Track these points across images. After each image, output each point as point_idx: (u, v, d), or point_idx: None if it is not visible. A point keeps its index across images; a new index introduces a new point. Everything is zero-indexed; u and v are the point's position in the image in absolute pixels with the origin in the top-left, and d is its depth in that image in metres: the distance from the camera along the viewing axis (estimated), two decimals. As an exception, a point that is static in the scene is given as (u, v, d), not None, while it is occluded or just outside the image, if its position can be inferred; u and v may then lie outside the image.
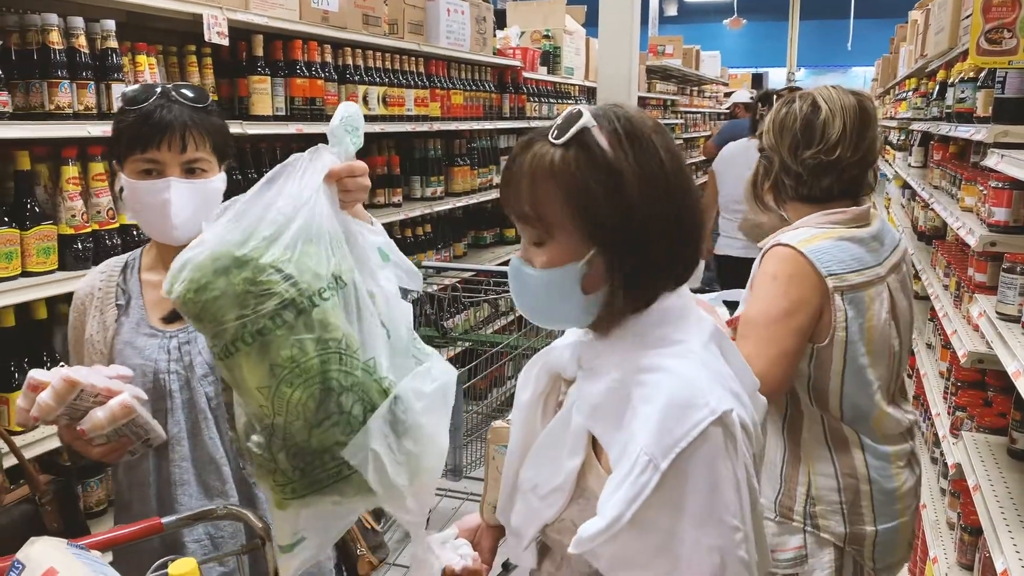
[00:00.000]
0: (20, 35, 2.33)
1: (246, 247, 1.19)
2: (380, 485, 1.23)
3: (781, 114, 1.92)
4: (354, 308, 1.24)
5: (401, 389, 1.24)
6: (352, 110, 1.35)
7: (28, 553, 0.97)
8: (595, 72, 6.80)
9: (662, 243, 1.11)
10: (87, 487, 2.61)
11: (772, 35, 21.59)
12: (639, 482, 1.03)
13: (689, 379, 1.07)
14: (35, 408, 1.37)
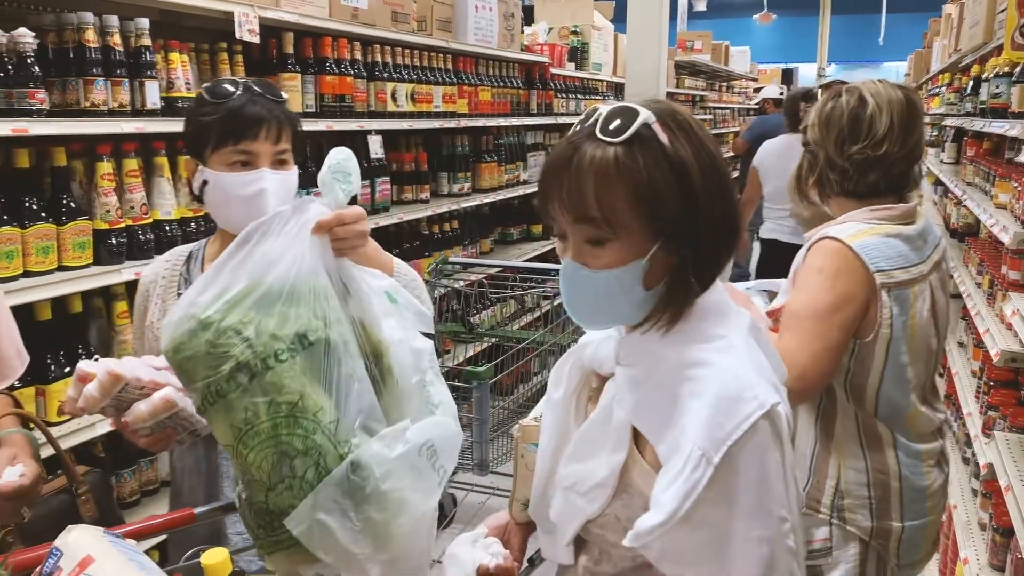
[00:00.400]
0: (57, 34, 2.38)
1: (210, 309, 1.20)
2: (330, 555, 1.20)
3: (827, 108, 1.90)
4: (324, 367, 1.21)
5: (360, 454, 1.19)
6: (341, 157, 1.32)
7: (66, 540, 1.00)
8: (623, 68, 6.78)
9: (717, 235, 1.12)
10: (120, 478, 2.66)
11: (802, 30, 21.37)
12: (693, 477, 1.04)
13: (736, 373, 1.08)
14: (82, 399, 1.40)
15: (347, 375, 1.22)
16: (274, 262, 1.22)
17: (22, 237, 2.21)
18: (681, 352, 1.12)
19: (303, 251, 1.23)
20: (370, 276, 1.34)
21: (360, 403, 1.23)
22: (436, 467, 1.27)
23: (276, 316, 1.19)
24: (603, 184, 1.08)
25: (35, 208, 2.27)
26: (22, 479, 1.34)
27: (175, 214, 2.65)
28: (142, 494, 2.75)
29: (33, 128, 2.18)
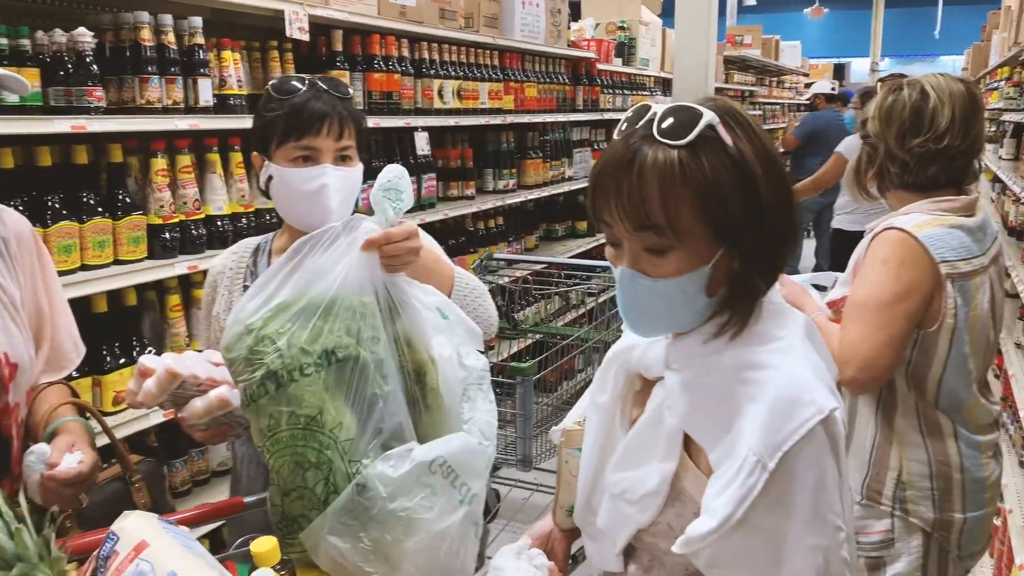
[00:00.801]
0: (114, 33, 2.44)
1: (255, 316, 1.26)
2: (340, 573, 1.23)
3: (888, 101, 1.91)
4: (351, 385, 1.24)
5: (366, 475, 1.21)
6: (392, 175, 1.34)
7: (122, 525, 1.03)
8: (671, 63, 6.72)
9: (780, 235, 1.08)
10: (172, 468, 2.73)
11: (855, 24, 20.95)
12: (748, 483, 1.01)
13: (794, 376, 1.05)
14: (141, 393, 1.45)
15: (373, 395, 1.25)
16: (319, 277, 1.26)
17: (80, 231, 2.28)
18: (737, 355, 1.08)
19: (349, 268, 1.27)
20: (422, 293, 1.36)
21: (381, 424, 1.25)
22: (456, 484, 1.26)
23: (310, 330, 1.23)
24: (668, 190, 1.02)
25: (92, 203, 2.33)
26: (80, 466, 1.38)
27: (227, 209, 2.70)
28: (193, 484, 2.81)
29: (91, 125, 2.23)
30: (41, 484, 1.38)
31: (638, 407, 1.21)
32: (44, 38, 2.26)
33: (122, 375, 2.39)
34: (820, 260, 8.29)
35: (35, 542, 1.07)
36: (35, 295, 1.57)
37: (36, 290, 1.58)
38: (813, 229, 8.56)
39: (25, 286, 1.55)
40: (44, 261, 1.62)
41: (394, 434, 1.26)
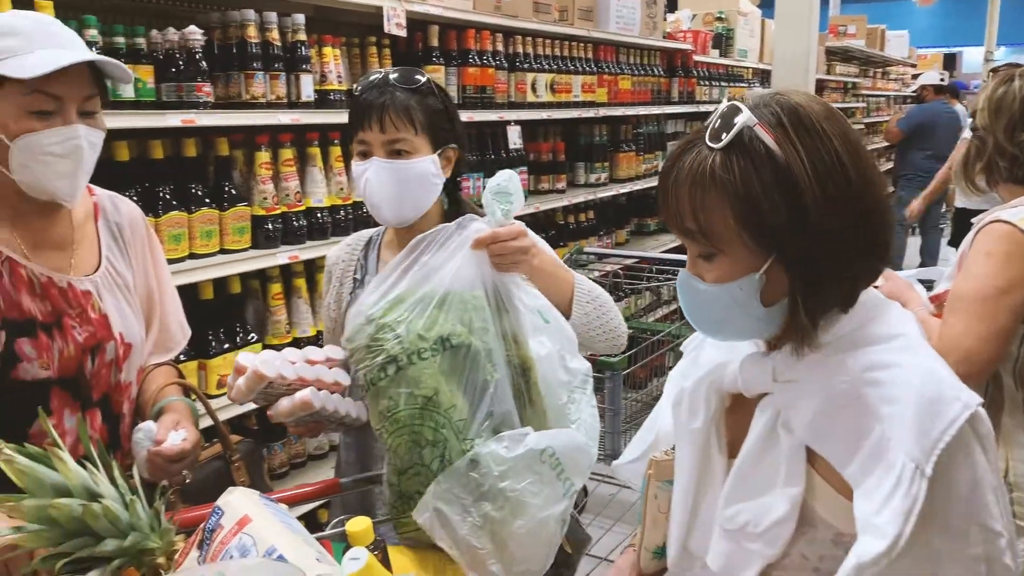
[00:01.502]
0: (222, 30, 2.53)
1: (375, 307, 1.36)
2: (452, 548, 1.28)
3: (999, 93, 1.87)
4: (463, 370, 1.33)
5: (479, 451, 1.27)
6: (502, 179, 1.41)
7: (227, 500, 1.08)
8: (770, 54, 6.56)
9: (847, 242, 0.99)
10: (271, 450, 2.83)
11: (968, 11, 19.94)
12: (912, 493, 0.92)
13: (931, 371, 0.97)
14: (233, 391, 1.53)
15: (484, 380, 1.33)
16: (433, 271, 1.36)
17: (188, 221, 2.38)
18: (859, 356, 1.00)
19: (460, 264, 1.37)
20: (526, 296, 1.43)
21: (492, 407, 1.33)
22: (561, 478, 1.30)
23: (426, 319, 1.33)
24: (697, 195, 0.99)
25: (200, 194, 2.43)
26: (184, 443, 1.45)
27: (326, 202, 2.78)
28: (291, 466, 2.91)
29: (200, 119, 2.33)
30: (148, 460, 1.46)
31: (730, 430, 1.14)
32: (158, 36, 2.37)
33: (226, 359, 2.49)
34: (925, 258, 7.96)
35: (147, 513, 1.13)
36: (146, 279, 1.65)
37: (147, 274, 1.66)
38: (918, 226, 8.22)
39: (137, 270, 1.63)
40: (155, 247, 1.69)
41: (503, 420, 1.32)
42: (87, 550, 1.08)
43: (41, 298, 1.45)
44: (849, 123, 1.04)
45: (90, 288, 1.52)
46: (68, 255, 1.52)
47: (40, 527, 1.09)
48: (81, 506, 1.08)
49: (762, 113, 1.00)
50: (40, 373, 1.43)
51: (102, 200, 1.62)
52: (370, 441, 1.72)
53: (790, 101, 1.01)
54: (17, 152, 1.36)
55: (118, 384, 1.56)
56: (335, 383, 1.63)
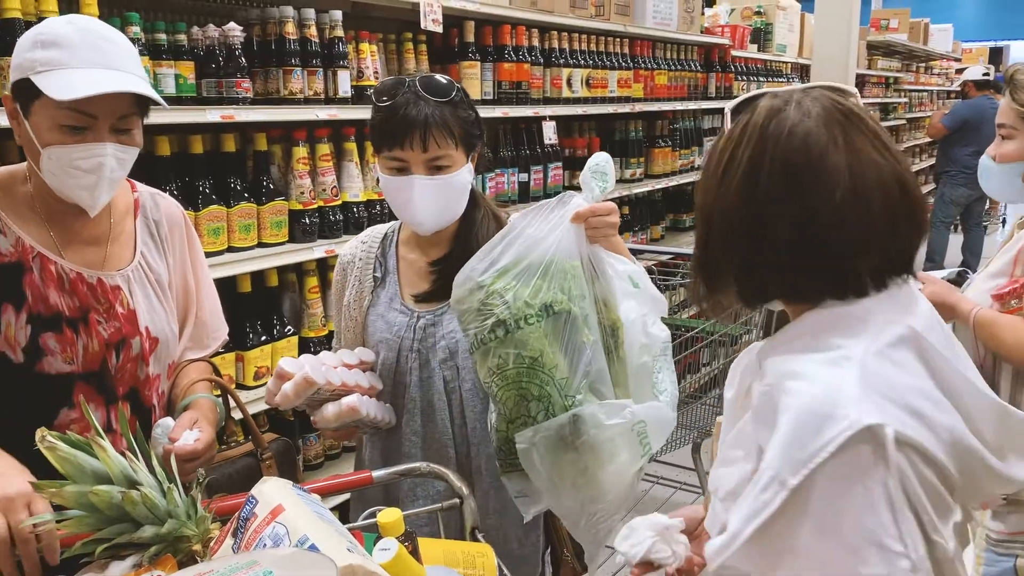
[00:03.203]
0: (261, 27, 2.57)
1: (485, 275, 1.48)
2: (537, 477, 1.46)
3: None
4: (563, 333, 1.46)
5: (582, 411, 1.43)
6: (600, 159, 1.54)
7: (261, 490, 1.09)
8: (809, 49, 6.47)
9: (774, 241, 1.03)
10: (306, 442, 2.86)
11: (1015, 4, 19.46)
12: (761, 499, 0.96)
13: (832, 387, 0.97)
14: (279, 396, 1.54)
15: (581, 343, 1.47)
16: (537, 243, 1.48)
17: (227, 215, 2.42)
18: (788, 362, 1.03)
19: (561, 236, 1.49)
20: (617, 262, 1.56)
21: (589, 367, 1.47)
22: (643, 443, 1.48)
23: (531, 287, 1.46)
24: None
25: (239, 189, 2.47)
26: (196, 444, 1.44)
27: (362, 196, 2.81)
28: (326, 457, 2.95)
29: (239, 115, 2.37)
30: (162, 456, 1.45)
31: None
32: (199, 33, 2.41)
33: (263, 351, 2.53)
34: (968, 255, 7.80)
35: (184, 501, 1.16)
36: (183, 275, 1.67)
37: (185, 271, 1.67)
38: (961, 223, 8.07)
39: (174, 266, 1.65)
40: (193, 244, 1.71)
41: (598, 377, 1.47)
42: (126, 536, 1.11)
43: (69, 294, 1.47)
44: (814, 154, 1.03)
45: (120, 283, 1.54)
46: (102, 250, 1.54)
47: (81, 513, 1.11)
48: (121, 493, 1.10)
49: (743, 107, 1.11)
50: (64, 367, 1.45)
51: (143, 197, 1.64)
52: (394, 440, 1.73)
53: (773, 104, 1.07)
54: (46, 159, 1.39)
55: (146, 377, 1.58)
56: (371, 387, 1.65)
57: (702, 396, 3.77)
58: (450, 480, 1.50)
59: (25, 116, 1.40)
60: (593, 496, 1.47)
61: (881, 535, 0.93)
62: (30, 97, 1.38)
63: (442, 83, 1.65)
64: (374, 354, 1.72)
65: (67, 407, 1.47)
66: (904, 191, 1.04)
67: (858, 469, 0.94)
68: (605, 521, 1.51)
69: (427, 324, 1.69)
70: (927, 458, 0.97)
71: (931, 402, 1.00)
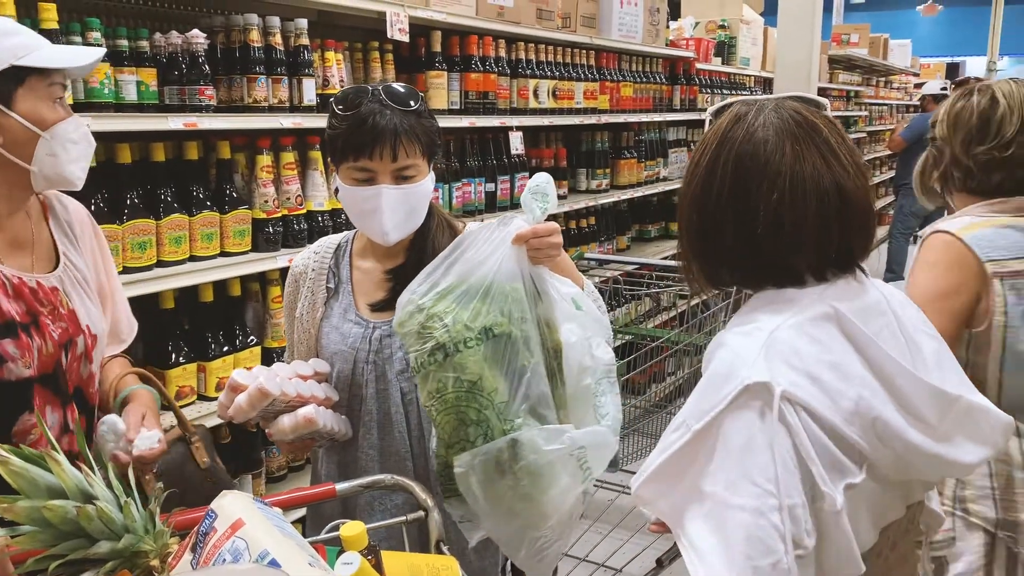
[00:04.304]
0: (225, 34, 2.54)
1: (426, 297, 1.47)
2: (475, 502, 1.45)
3: (957, 107, 1.92)
4: (503, 356, 1.45)
5: (521, 436, 1.42)
6: (541, 181, 1.52)
7: (221, 503, 1.08)
8: (772, 62, 6.57)
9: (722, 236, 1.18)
10: (269, 454, 2.83)
11: (972, 21, 19.93)
12: (669, 439, 1.16)
13: (737, 352, 1.13)
14: (232, 408, 1.53)
15: (522, 366, 1.46)
16: (478, 265, 1.47)
17: (189, 224, 2.39)
18: (721, 335, 1.19)
19: (502, 258, 1.48)
20: (560, 284, 1.55)
21: (529, 391, 1.45)
22: (583, 467, 1.46)
23: (471, 310, 1.44)
24: None
25: (201, 197, 2.44)
26: (160, 444, 1.48)
27: (327, 205, 2.79)
28: (289, 469, 2.91)
29: (202, 123, 2.34)
30: (113, 456, 1.46)
31: None
32: (161, 39, 2.38)
33: (225, 362, 2.50)
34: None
35: (141, 515, 1.13)
36: (97, 272, 1.67)
37: (98, 268, 1.68)
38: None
39: (90, 264, 1.66)
40: (100, 239, 1.72)
41: (539, 400, 1.46)
42: (81, 552, 1.08)
43: (16, 299, 1.46)
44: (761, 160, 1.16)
45: (56, 284, 1.54)
46: (30, 254, 1.54)
47: (34, 528, 1.09)
48: (75, 508, 1.08)
49: (723, 110, 1.24)
50: (23, 372, 1.45)
51: (49, 199, 1.63)
52: (350, 453, 1.72)
53: (742, 110, 1.21)
54: (48, 141, 1.44)
55: (89, 376, 1.59)
56: (326, 398, 1.63)
57: (667, 406, 3.79)
58: (415, 492, 1.48)
59: (9, 108, 1.40)
60: (533, 522, 1.46)
61: (755, 474, 1.06)
62: (13, 86, 1.40)
63: (406, 92, 1.64)
64: (329, 366, 1.70)
65: (27, 411, 1.46)
66: (843, 198, 1.14)
67: (747, 419, 1.08)
68: (550, 547, 1.50)
69: (383, 335, 1.68)
70: (819, 419, 1.09)
71: (837, 372, 1.11)
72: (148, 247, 2.28)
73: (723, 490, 1.08)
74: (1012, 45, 19.71)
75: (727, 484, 1.08)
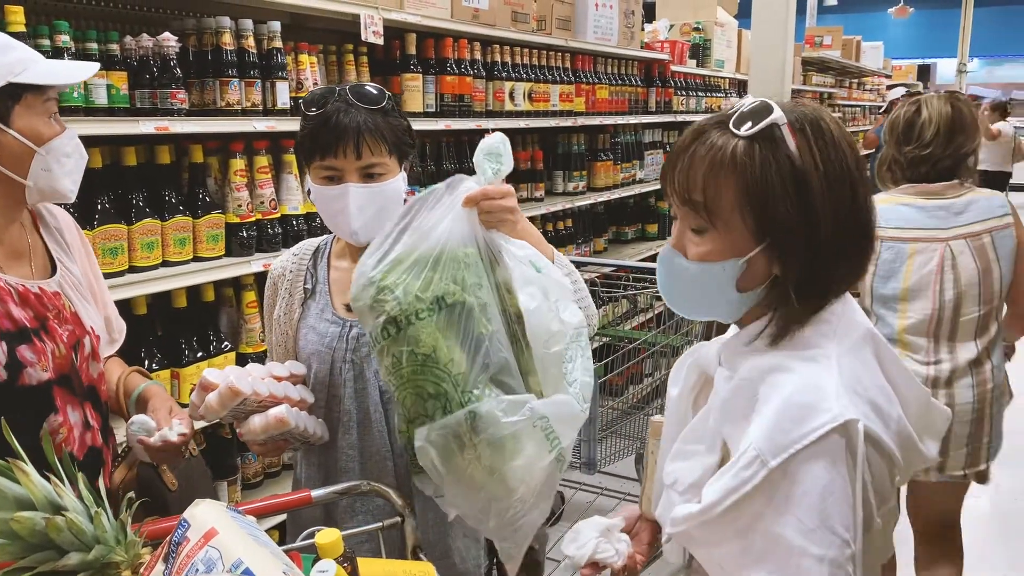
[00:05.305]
0: (197, 37, 2.52)
1: (376, 270, 1.41)
2: (436, 476, 1.40)
3: (894, 115, 2.57)
4: (460, 326, 1.39)
5: (479, 408, 1.36)
6: (493, 141, 1.45)
7: (193, 513, 1.06)
8: (747, 64, 6.61)
9: (833, 252, 1.08)
10: (245, 460, 2.80)
11: (942, 23, 20.23)
12: (742, 475, 1.02)
13: (815, 383, 1.04)
14: (203, 407, 1.52)
15: (479, 334, 1.39)
16: (427, 232, 1.41)
17: (161, 229, 2.36)
18: (770, 358, 1.09)
19: (453, 223, 1.41)
20: (516, 247, 1.47)
21: (490, 359, 1.39)
22: (550, 437, 1.40)
23: (422, 280, 1.38)
24: (714, 172, 1.07)
25: (174, 202, 2.41)
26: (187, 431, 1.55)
27: (301, 209, 2.77)
28: (265, 476, 2.89)
29: (174, 126, 2.32)
30: (147, 448, 1.53)
31: (706, 402, 1.23)
32: (132, 42, 2.35)
33: (199, 368, 2.47)
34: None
35: (112, 526, 1.12)
36: (88, 276, 1.71)
37: (87, 272, 1.71)
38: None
39: (81, 269, 1.69)
40: (87, 246, 1.76)
41: (501, 368, 1.40)
42: (50, 564, 1.07)
43: (23, 306, 1.49)
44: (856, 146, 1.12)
45: (57, 289, 1.58)
46: (28, 263, 1.57)
47: (2, 540, 1.07)
48: (44, 519, 1.06)
49: (791, 116, 1.08)
50: (43, 376, 1.48)
51: (38, 208, 1.66)
52: (330, 455, 1.70)
53: (817, 113, 1.10)
54: (44, 156, 1.46)
55: (99, 375, 1.63)
56: (301, 400, 1.62)
57: (644, 407, 3.80)
58: (391, 498, 1.48)
59: (7, 125, 1.42)
60: (499, 495, 1.40)
61: (835, 522, 1.00)
62: (10, 104, 1.41)
63: (372, 91, 1.64)
64: (305, 367, 1.69)
65: (53, 412, 1.50)
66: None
67: (829, 459, 1.01)
68: (523, 518, 1.44)
69: (359, 333, 1.67)
70: (881, 449, 1.05)
71: (885, 397, 1.08)
72: (120, 252, 2.26)
73: (800, 538, 1.00)
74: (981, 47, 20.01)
75: (805, 532, 1.00)
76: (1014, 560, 3.70)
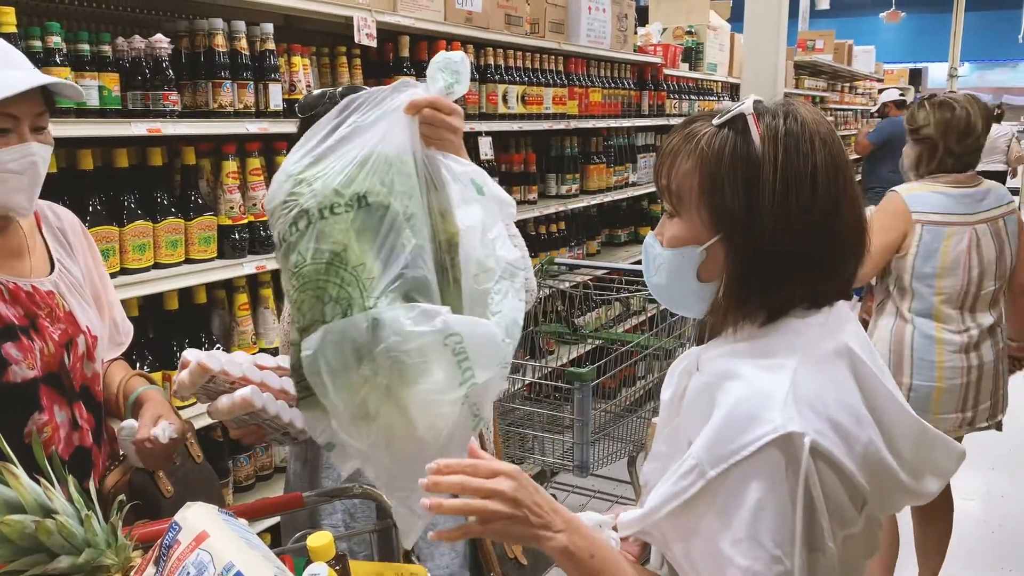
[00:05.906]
0: (190, 39, 2.51)
1: (297, 164, 1.28)
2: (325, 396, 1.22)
3: (946, 116, 2.78)
4: (379, 231, 1.24)
5: (382, 314, 1.19)
6: (453, 56, 1.34)
7: (184, 516, 1.06)
8: (739, 68, 6.63)
9: (789, 253, 1.05)
10: (237, 463, 2.79)
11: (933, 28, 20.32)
12: (681, 484, 1.04)
13: (763, 391, 1.02)
14: (176, 384, 1.50)
15: (400, 244, 1.24)
16: (360, 130, 1.27)
17: (153, 231, 2.35)
18: (728, 363, 1.08)
19: (390, 125, 1.28)
20: (456, 163, 1.34)
21: (407, 272, 1.23)
22: (462, 367, 1.21)
23: (344, 175, 1.24)
24: (680, 159, 1.10)
25: (166, 204, 2.41)
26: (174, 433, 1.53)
27: (293, 211, 2.76)
28: (257, 478, 2.88)
29: (166, 128, 2.31)
30: (137, 450, 1.53)
31: None
32: (124, 44, 2.34)
33: (191, 371, 2.46)
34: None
35: (103, 529, 1.11)
36: (92, 279, 1.71)
37: (92, 274, 1.71)
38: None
39: (85, 271, 1.70)
40: (94, 249, 1.76)
41: (417, 286, 1.24)
42: (40, 567, 1.06)
43: (12, 303, 1.49)
44: (846, 152, 1.11)
45: (51, 288, 1.58)
46: (25, 262, 1.57)
47: (-8, 544, 1.06)
48: (34, 522, 1.06)
49: (763, 110, 1.08)
50: (28, 373, 1.48)
51: (42, 209, 1.67)
52: (318, 453, 1.70)
53: (798, 112, 1.09)
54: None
55: (93, 375, 1.64)
56: (281, 390, 1.61)
57: (637, 410, 3.80)
58: (382, 501, 1.47)
59: None
60: (396, 429, 1.22)
61: (765, 537, 0.99)
62: None
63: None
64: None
65: (37, 411, 1.50)
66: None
67: (768, 472, 0.99)
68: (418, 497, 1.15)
69: None
70: (837, 469, 1.01)
71: (853, 417, 1.04)
72: (112, 254, 2.25)
73: (729, 547, 1.00)
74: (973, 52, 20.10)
75: (734, 542, 1.00)
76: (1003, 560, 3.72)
